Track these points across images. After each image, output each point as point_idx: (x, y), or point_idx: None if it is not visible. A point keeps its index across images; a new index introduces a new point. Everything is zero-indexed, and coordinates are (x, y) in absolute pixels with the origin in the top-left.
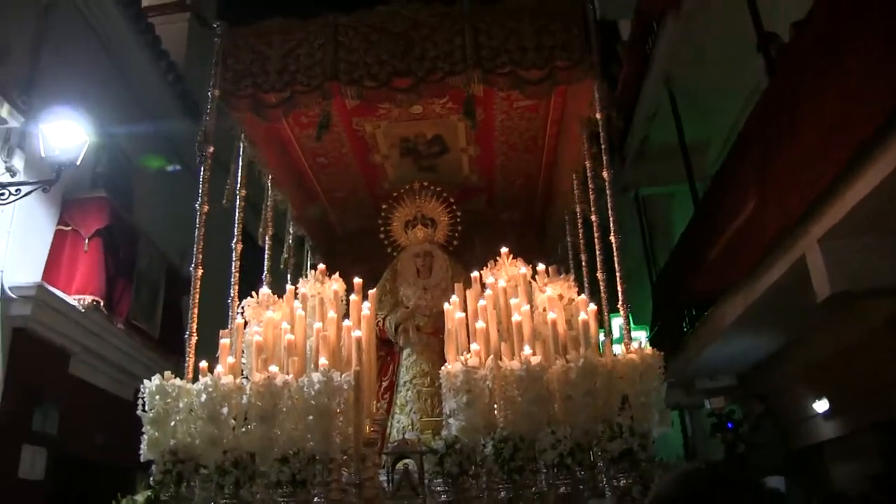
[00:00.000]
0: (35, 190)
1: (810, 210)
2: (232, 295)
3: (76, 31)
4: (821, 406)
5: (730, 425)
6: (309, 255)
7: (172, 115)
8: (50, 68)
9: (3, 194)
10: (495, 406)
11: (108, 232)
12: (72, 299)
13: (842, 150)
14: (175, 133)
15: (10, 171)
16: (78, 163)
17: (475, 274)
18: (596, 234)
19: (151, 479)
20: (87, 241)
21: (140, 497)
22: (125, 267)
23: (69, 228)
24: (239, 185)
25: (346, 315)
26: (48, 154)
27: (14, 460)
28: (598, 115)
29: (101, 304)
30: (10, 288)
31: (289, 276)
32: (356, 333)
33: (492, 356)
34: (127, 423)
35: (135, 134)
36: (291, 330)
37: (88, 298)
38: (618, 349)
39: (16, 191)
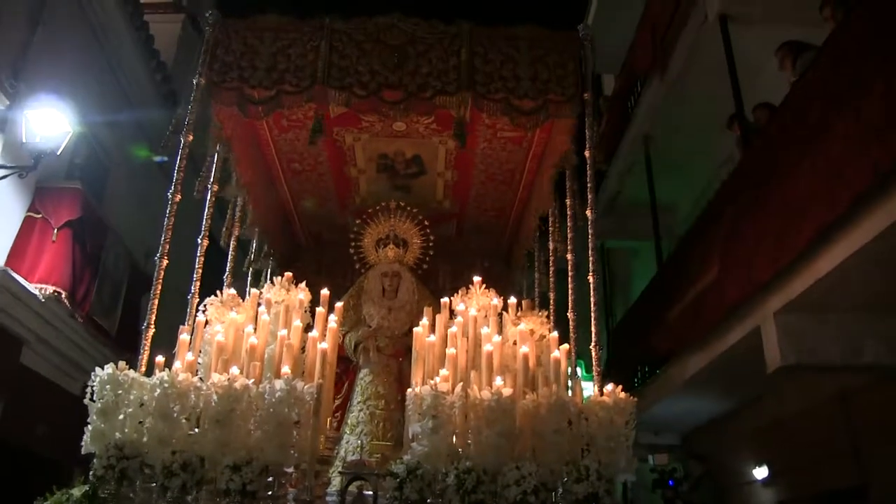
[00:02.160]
0: (10, 175)
1: (769, 283)
2: (193, 291)
3: (72, 20)
4: (760, 472)
5: (671, 483)
6: (271, 261)
7: (156, 114)
8: (41, 54)
9: None
10: (457, 435)
11: (79, 224)
12: (33, 287)
13: (804, 232)
14: (156, 132)
15: None
16: (58, 153)
17: (445, 300)
18: (570, 274)
19: (91, 473)
20: (55, 230)
21: (76, 491)
22: (91, 261)
23: (39, 216)
24: (211, 180)
25: (308, 326)
26: (29, 140)
27: None
28: (586, 153)
29: (63, 295)
30: None
31: (248, 280)
32: (322, 345)
33: (461, 383)
34: (71, 417)
35: (116, 129)
36: (254, 334)
37: (50, 288)
38: (585, 391)
39: None
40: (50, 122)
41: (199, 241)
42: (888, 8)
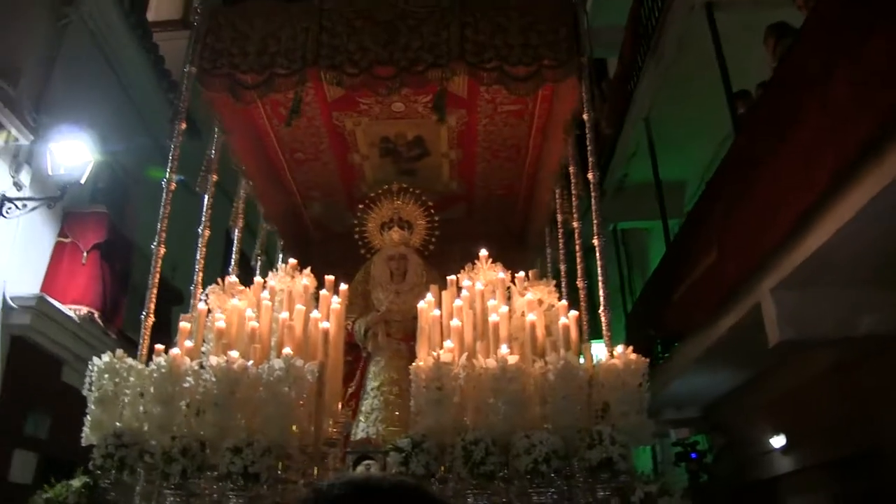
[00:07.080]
0: (40, 206)
1: (764, 262)
2: (195, 281)
3: (86, 50)
4: (778, 441)
5: (693, 455)
6: (281, 254)
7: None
8: (60, 87)
9: (10, 208)
10: (463, 407)
11: (106, 245)
12: (68, 310)
13: (790, 212)
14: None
15: (17, 185)
16: (82, 181)
17: (452, 277)
18: (577, 242)
19: (91, 463)
20: (85, 254)
21: (76, 482)
22: (120, 279)
23: (68, 240)
24: (211, 170)
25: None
26: (55, 172)
27: (5, 464)
28: (584, 117)
29: (96, 315)
30: (11, 298)
31: (258, 272)
32: (324, 325)
33: (466, 354)
34: None
35: (134, 150)
36: (256, 319)
37: (84, 309)
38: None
39: (22, 205)
40: (73, 152)
41: (200, 231)
42: None
